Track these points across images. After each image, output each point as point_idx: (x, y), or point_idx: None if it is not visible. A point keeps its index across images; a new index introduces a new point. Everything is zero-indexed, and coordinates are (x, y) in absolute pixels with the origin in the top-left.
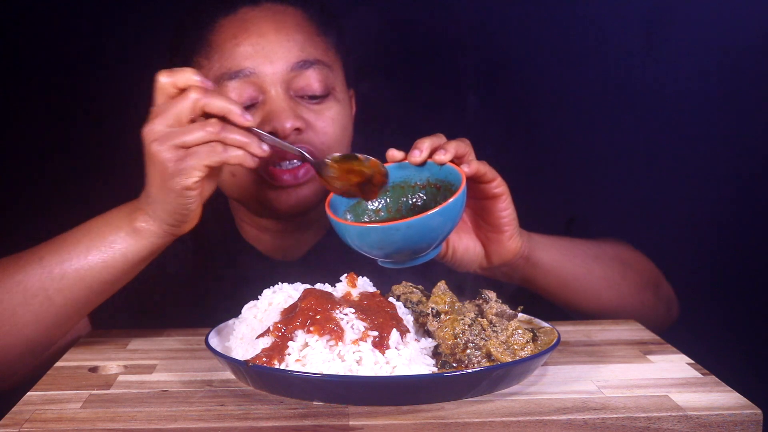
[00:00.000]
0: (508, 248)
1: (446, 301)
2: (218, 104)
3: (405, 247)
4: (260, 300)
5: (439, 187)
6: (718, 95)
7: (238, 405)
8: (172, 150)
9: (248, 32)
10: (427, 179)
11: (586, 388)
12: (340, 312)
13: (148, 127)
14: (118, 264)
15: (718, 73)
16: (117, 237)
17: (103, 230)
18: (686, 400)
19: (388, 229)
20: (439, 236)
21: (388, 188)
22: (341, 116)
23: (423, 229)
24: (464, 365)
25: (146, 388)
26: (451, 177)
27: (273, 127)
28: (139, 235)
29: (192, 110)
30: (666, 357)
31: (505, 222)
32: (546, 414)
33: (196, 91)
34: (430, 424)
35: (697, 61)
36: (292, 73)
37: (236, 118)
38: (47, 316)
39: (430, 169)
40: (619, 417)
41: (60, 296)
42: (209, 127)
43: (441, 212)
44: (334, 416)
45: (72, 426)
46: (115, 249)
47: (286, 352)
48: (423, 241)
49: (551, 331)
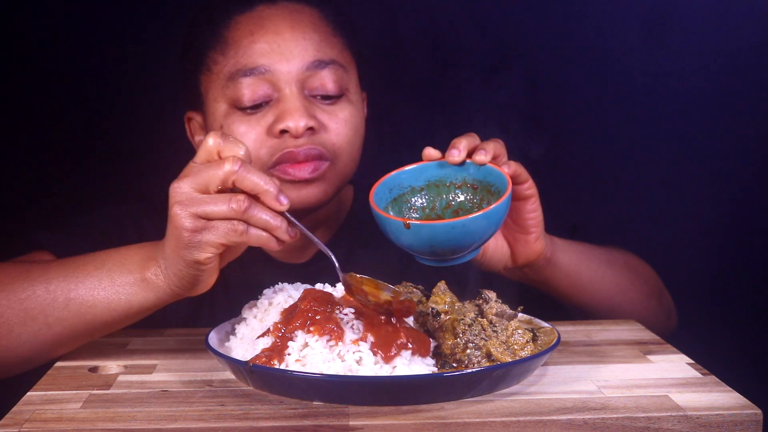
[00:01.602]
0: (534, 249)
1: (446, 301)
2: (252, 181)
3: (452, 245)
4: (260, 300)
5: (477, 187)
6: (719, 101)
7: (238, 405)
8: (191, 218)
9: (264, 29)
10: (464, 179)
11: (586, 388)
12: (340, 312)
13: (176, 184)
14: (122, 308)
15: (719, 74)
16: (126, 282)
17: (114, 269)
18: (686, 400)
19: (441, 226)
20: (486, 236)
21: (424, 186)
22: (354, 117)
23: (475, 228)
24: (464, 365)
25: (146, 388)
26: (490, 177)
27: (286, 126)
28: (147, 287)
29: (223, 181)
30: (666, 357)
31: (532, 224)
32: (546, 414)
33: (234, 162)
34: (430, 424)
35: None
36: (307, 72)
37: (270, 200)
38: (44, 340)
39: (467, 169)
40: (619, 417)
41: (59, 325)
42: (234, 203)
43: (493, 212)
44: (334, 416)
45: (72, 426)
46: (121, 293)
47: (286, 352)
48: (472, 240)
49: (551, 331)
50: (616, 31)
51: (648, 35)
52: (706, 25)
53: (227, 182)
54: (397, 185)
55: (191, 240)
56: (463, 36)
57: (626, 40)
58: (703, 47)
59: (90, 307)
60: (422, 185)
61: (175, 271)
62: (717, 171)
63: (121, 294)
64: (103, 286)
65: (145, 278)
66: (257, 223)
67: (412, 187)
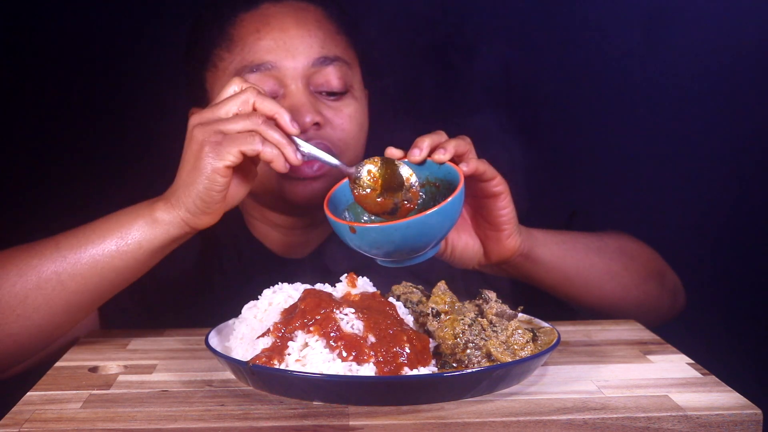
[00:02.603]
0: (507, 246)
1: (446, 301)
2: (269, 105)
3: (404, 247)
4: (260, 300)
5: (439, 185)
6: (717, 89)
7: (238, 405)
8: (213, 133)
9: (270, 26)
10: (426, 178)
11: (586, 388)
12: (340, 312)
13: (197, 114)
14: (133, 252)
15: (718, 67)
16: (134, 225)
17: (122, 219)
18: (686, 400)
19: (387, 228)
20: (438, 235)
21: None
22: (359, 114)
23: (422, 229)
24: (464, 365)
25: (146, 388)
26: (450, 176)
27: None
28: (156, 224)
29: (243, 104)
30: (666, 357)
31: (504, 220)
32: (546, 414)
33: (252, 91)
34: (430, 424)
35: (697, 56)
36: (313, 68)
37: (284, 122)
38: (59, 302)
39: (429, 167)
40: (619, 417)
41: (73, 282)
42: (253, 117)
43: (439, 212)
44: (334, 416)
45: (72, 426)
46: (131, 236)
47: (286, 352)
48: (422, 240)
49: (551, 331)
50: (616, 25)
51: (648, 25)
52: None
53: (247, 105)
54: None
55: (212, 149)
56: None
57: (626, 33)
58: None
59: (101, 256)
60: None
61: (189, 192)
62: (717, 172)
63: (130, 236)
64: (112, 232)
65: (153, 218)
66: (271, 139)
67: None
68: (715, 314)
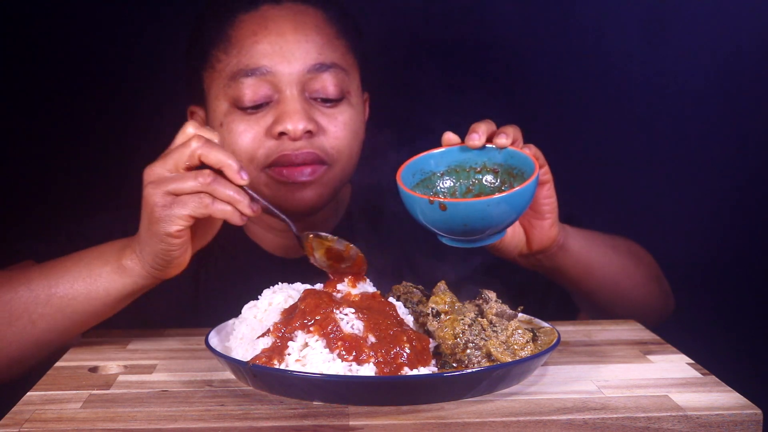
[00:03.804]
0: (549, 235)
1: (446, 301)
2: (215, 157)
3: (489, 224)
4: (260, 300)
5: (497, 171)
6: (718, 90)
7: (238, 405)
8: (162, 195)
9: (268, 30)
10: (484, 163)
11: (586, 388)
12: (340, 312)
13: (148, 168)
14: (101, 298)
15: (717, 71)
16: (103, 271)
17: (92, 262)
18: (686, 400)
19: (479, 204)
20: (516, 214)
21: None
22: (354, 121)
23: (509, 206)
24: (464, 365)
25: (146, 388)
26: (512, 161)
27: (285, 128)
28: (123, 273)
29: (190, 158)
30: (666, 357)
31: (548, 209)
32: (546, 414)
33: (198, 140)
34: (430, 424)
35: (698, 58)
36: (309, 74)
37: (232, 174)
38: (29, 339)
39: (487, 152)
40: (619, 417)
41: (42, 321)
42: (201, 177)
43: (526, 189)
44: (334, 416)
45: (72, 426)
46: (99, 283)
47: (286, 352)
48: (505, 218)
49: (551, 331)
50: (616, 27)
51: (647, 28)
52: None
53: (194, 158)
54: (419, 170)
55: (162, 214)
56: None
57: (626, 36)
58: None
59: (70, 299)
60: (443, 170)
61: (149, 251)
62: (717, 172)
63: (98, 283)
64: (82, 277)
65: (121, 265)
66: (221, 196)
67: (434, 172)
68: (715, 314)
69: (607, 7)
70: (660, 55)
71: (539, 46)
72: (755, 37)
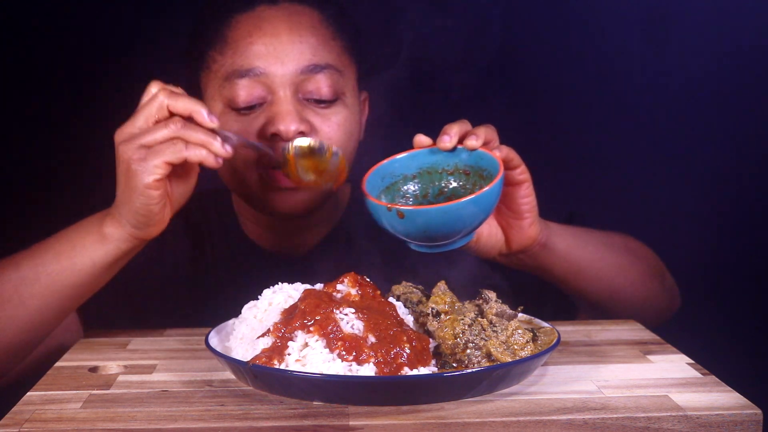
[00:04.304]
0: (528, 235)
1: (446, 301)
2: (183, 104)
3: (450, 231)
4: (260, 300)
5: (468, 173)
6: (718, 89)
7: (238, 405)
8: (136, 150)
9: (262, 31)
10: (455, 165)
11: (586, 388)
12: (340, 312)
13: (118, 130)
14: (87, 269)
15: (719, 67)
16: (85, 242)
17: (73, 236)
18: (686, 400)
19: (436, 211)
20: (481, 219)
21: (416, 174)
22: (348, 122)
23: (470, 211)
24: (464, 365)
25: (146, 388)
26: (482, 162)
27: (277, 129)
28: (105, 240)
29: (158, 110)
30: (666, 357)
31: (526, 209)
32: (546, 414)
33: (163, 93)
34: (430, 424)
35: (698, 55)
36: (302, 76)
37: (200, 118)
38: (21, 321)
39: (458, 154)
40: (619, 417)
41: (33, 301)
42: (171, 124)
43: (487, 194)
44: (334, 416)
45: (72, 426)
46: (84, 254)
47: (286, 352)
48: (468, 223)
49: (551, 331)
50: (617, 25)
51: (648, 27)
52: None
53: (162, 110)
54: (389, 173)
55: (138, 168)
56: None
57: (626, 35)
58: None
59: (57, 274)
60: (414, 173)
61: (128, 209)
62: (717, 172)
63: (83, 254)
64: (66, 251)
65: (102, 234)
66: (194, 140)
67: (405, 175)
68: (715, 314)
69: (607, 6)
70: (661, 54)
71: (539, 46)
72: (755, 37)
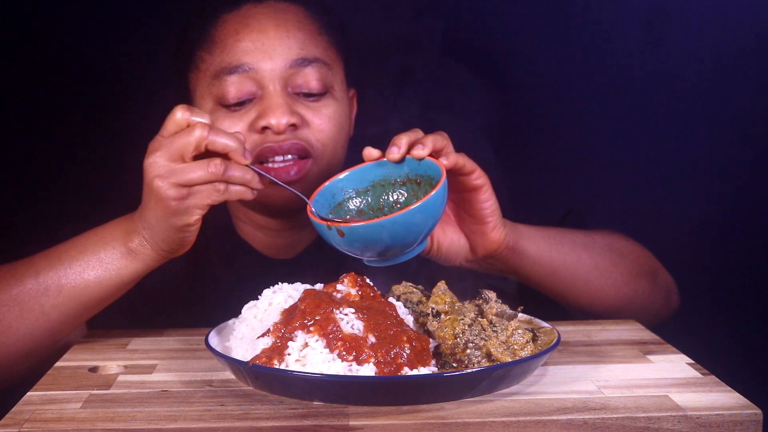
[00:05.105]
0: (492, 239)
1: (446, 301)
2: (222, 142)
3: (392, 244)
4: (260, 300)
5: (420, 182)
6: (716, 88)
7: (238, 405)
8: (174, 188)
9: (249, 28)
10: (406, 175)
11: (586, 388)
12: (340, 312)
13: (150, 160)
14: (114, 282)
15: (718, 69)
16: (113, 257)
17: (98, 249)
18: (686, 400)
19: (373, 226)
20: (424, 231)
21: (369, 187)
22: (338, 114)
23: (408, 225)
24: (464, 365)
25: (146, 388)
26: (431, 171)
27: (268, 122)
28: (134, 256)
29: (197, 147)
30: (666, 357)
31: (487, 213)
32: (546, 414)
33: (202, 128)
34: (430, 424)
35: (697, 55)
36: (291, 70)
37: (238, 157)
38: (42, 330)
39: (409, 164)
40: (619, 417)
41: (55, 311)
42: (212, 167)
43: (423, 206)
44: (334, 416)
45: (72, 426)
46: (111, 269)
47: (286, 352)
48: (409, 236)
49: (551, 331)
50: (616, 23)
51: (647, 26)
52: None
53: (200, 147)
54: (339, 189)
55: (179, 207)
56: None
57: (626, 34)
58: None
59: (83, 288)
60: (367, 186)
61: (164, 237)
62: (715, 172)
63: (110, 270)
64: (92, 266)
65: (130, 250)
66: (236, 181)
67: (357, 189)
68: (715, 314)
69: (607, 6)
70: (660, 54)
71: (538, 45)
72: (755, 37)
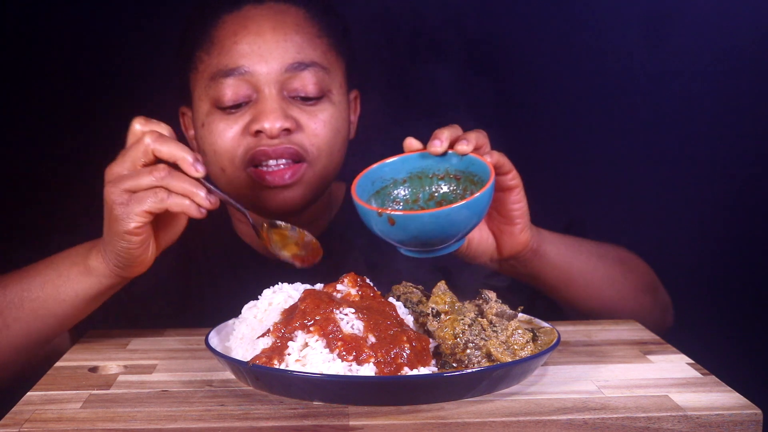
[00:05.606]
0: (519, 240)
1: (446, 301)
2: (168, 150)
3: (440, 237)
4: (260, 300)
5: (459, 178)
6: (717, 92)
7: (238, 405)
8: (120, 193)
9: (247, 30)
10: (446, 170)
11: (586, 388)
12: (340, 312)
13: (108, 168)
14: (69, 299)
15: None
16: (71, 272)
17: (60, 265)
18: (686, 400)
19: (426, 217)
20: (469, 226)
21: (406, 178)
22: (334, 119)
23: (457, 219)
24: (464, 365)
25: (146, 388)
26: (473, 167)
27: (262, 126)
28: (90, 274)
29: (144, 153)
30: (666, 357)
31: (517, 214)
32: (546, 414)
33: (150, 136)
34: (430, 424)
35: (698, 58)
36: (287, 74)
37: (187, 166)
38: (4, 342)
39: (450, 159)
40: (619, 417)
41: (16, 324)
42: (155, 172)
43: (475, 201)
44: (334, 416)
45: (72, 426)
46: (68, 285)
47: (286, 352)
48: (455, 230)
49: (551, 331)
50: (616, 29)
51: (648, 33)
52: (706, 24)
53: (148, 154)
54: (379, 177)
55: (120, 212)
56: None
57: (626, 38)
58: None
59: (42, 302)
60: (405, 177)
61: (111, 249)
62: (716, 171)
63: (67, 285)
64: (52, 279)
65: (87, 266)
66: (177, 190)
67: (395, 179)
68: (715, 314)
69: (607, 6)
70: (660, 55)
71: (538, 46)
72: (755, 37)
